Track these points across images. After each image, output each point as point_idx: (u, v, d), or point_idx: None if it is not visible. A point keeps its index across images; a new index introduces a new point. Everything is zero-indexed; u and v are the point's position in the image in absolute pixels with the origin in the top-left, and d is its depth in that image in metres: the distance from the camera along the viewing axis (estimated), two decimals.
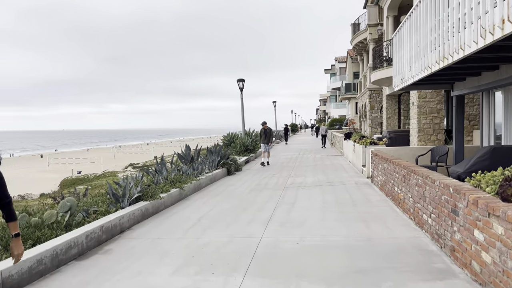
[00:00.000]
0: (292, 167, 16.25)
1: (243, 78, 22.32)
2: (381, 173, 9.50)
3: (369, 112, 24.05)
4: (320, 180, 12.01)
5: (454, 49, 5.77)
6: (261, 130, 17.86)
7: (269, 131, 17.71)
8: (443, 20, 6.20)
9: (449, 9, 5.96)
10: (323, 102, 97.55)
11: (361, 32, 25.18)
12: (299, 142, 38.73)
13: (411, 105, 13.66)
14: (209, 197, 9.86)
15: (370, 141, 13.40)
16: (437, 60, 6.57)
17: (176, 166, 12.62)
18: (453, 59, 5.84)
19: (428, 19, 7.02)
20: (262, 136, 17.62)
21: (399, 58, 9.80)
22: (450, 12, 5.90)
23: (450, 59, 5.95)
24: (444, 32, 6.14)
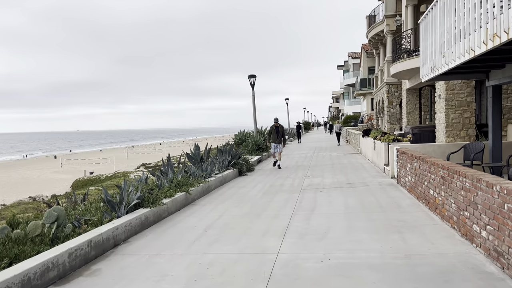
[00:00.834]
0: (308, 166, 15.26)
1: (254, 74, 21.39)
2: (410, 173, 8.47)
3: (387, 107, 22.90)
4: (340, 181, 11.01)
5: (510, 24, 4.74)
6: (272, 127, 15.54)
7: (282, 129, 15.42)
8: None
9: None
10: (336, 99, 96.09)
11: (378, 24, 24.02)
12: (312, 140, 37.65)
13: (437, 98, 12.56)
14: (218, 201, 8.95)
15: (393, 138, 12.35)
16: (484, 40, 5.53)
17: (183, 167, 11.74)
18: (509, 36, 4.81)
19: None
20: (273, 135, 15.30)
21: (429, 44, 8.74)
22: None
23: (505, 36, 4.92)
24: (496, 5, 5.11)
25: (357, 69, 52.19)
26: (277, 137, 15.21)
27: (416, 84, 17.09)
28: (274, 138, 15.25)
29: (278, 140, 15.21)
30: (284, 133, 15.48)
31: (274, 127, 15.38)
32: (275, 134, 15.26)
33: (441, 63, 7.86)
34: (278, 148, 15.23)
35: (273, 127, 15.47)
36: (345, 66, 66.28)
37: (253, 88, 21.39)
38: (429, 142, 13.22)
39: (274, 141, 15.28)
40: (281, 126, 15.49)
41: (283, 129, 15.56)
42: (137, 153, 62.29)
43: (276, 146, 15.23)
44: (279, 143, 15.22)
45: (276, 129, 15.33)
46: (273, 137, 15.29)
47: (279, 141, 15.22)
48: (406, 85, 19.04)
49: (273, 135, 15.31)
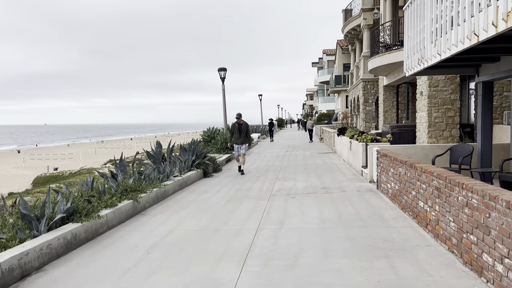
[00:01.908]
0: (279, 167, 14.14)
1: (225, 67, 20.13)
2: (393, 179, 7.43)
3: (362, 105, 22.07)
4: (314, 185, 9.92)
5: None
6: (233, 125, 13.04)
7: (245, 127, 12.88)
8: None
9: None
10: (310, 97, 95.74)
11: (354, 18, 23.13)
12: (286, 137, 36.67)
13: (419, 95, 11.65)
14: (173, 210, 7.68)
15: (371, 138, 11.36)
16: (494, 21, 4.48)
17: (138, 168, 10.38)
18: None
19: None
20: (235, 134, 12.82)
21: (415, 33, 7.71)
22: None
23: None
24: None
25: (331, 66, 51.59)
26: (240, 137, 12.81)
27: (394, 81, 16.23)
28: (237, 137, 12.85)
29: (241, 140, 12.81)
30: (248, 131, 12.96)
31: (237, 125, 12.94)
32: (237, 133, 12.84)
33: (431, 54, 6.83)
34: (241, 150, 12.86)
35: (235, 124, 13.02)
36: (320, 63, 65.72)
37: (223, 82, 20.14)
38: (409, 142, 12.33)
39: (237, 142, 12.88)
40: (245, 123, 12.94)
41: (247, 127, 12.98)
42: (106, 149, 59.93)
43: (239, 147, 12.87)
44: (242, 143, 12.83)
45: (238, 127, 12.90)
46: (235, 136, 12.90)
47: (243, 141, 12.82)
48: (383, 82, 18.18)
49: (235, 135, 12.91)
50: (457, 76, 10.79)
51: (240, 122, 12.91)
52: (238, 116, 12.89)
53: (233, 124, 13.11)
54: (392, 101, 18.17)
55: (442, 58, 6.36)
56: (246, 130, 12.90)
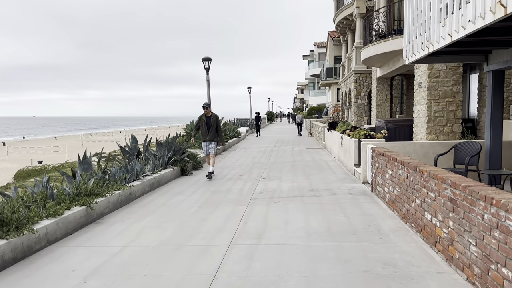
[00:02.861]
0: (265, 164, 13.07)
1: (209, 57, 18.93)
2: (391, 182, 6.40)
3: (354, 98, 21.06)
4: (301, 186, 8.86)
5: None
6: (200, 118, 10.70)
7: (215, 120, 10.56)
8: None
9: None
10: (300, 90, 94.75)
11: (346, 7, 22.05)
12: (275, 131, 35.61)
13: (417, 87, 10.63)
14: (136, 217, 6.58)
15: (364, 133, 10.33)
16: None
17: (104, 166, 9.24)
18: None
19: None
20: (202, 128, 10.57)
21: (419, 14, 6.65)
22: None
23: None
24: None
25: (322, 59, 50.57)
26: (209, 132, 10.48)
27: (388, 72, 15.22)
28: (204, 133, 10.54)
29: (210, 136, 10.51)
30: (219, 126, 10.71)
31: (204, 117, 10.58)
32: (204, 128, 10.51)
33: (438, 35, 5.77)
34: (210, 149, 10.60)
35: (202, 117, 10.63)
36: (311, 56, 64.64)
37: (207, 72, 18.95)
38: (406, 138, 11.34)
39: (204, 138, 10.57)
40: (214, 115, 10.64)
41: (217, 120, 10.67)
42: (93, 141, 58.37)
43: (207, 145, 10.62)
44: (211, 140, 10.56)
45: (206, 120, 10.53)
46: (203, 131, 10.58)
47: (212, 138, 10.55)
48: (376, 74, 17.16)
49: (202, 129, 10.58)
50: (460, 66, 9.78)
51: (208, 114, 10.57)
52: (205, 106, 10.45)
53: (199, 117, 10.72)
54: (386, 94, 17.17)
55: (452, 40, 5.31)
56: (216, 124, 10.56)
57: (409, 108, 17.30)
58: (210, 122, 10.54)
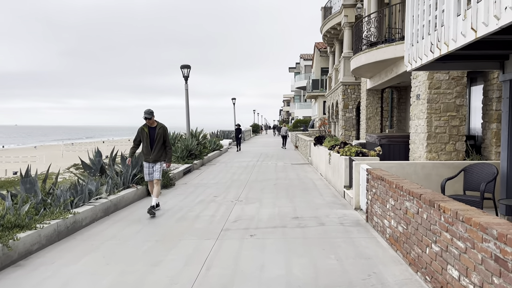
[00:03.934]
0: (245, 182, 11.74)
1: (188, 64, 17.66)
2: (394, 215, 5.14)
3: (342, 111, 19.94)
4: (283, 212, 7.54)
5: None
6: (141, 129, 7.91)
7: (161, 133, 7.84)
8: None
9: None
10: (286, 103, 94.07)
11: (334, 16, 21.07)
12: (259, 144, 34.33)
13: (414, 99, 9.49)
14: (71, 257, 5.16)
15: (356, 151, 9.09)
16: None
17: (49, 187, 7.78)
18: None
19: None
20: (145, 144, 7.83)
21: (426, 10, 5.49)
22: None
23: None
24: None
25: (309, 71, 49.80)
26: (153, 149, 7.76)
27: (379, 84, 14.12)
28: (147, 151, 7.80)
29: (154, 155, 7.76)
30: (168, 140, 7.96)
31: (147, 130, 7.81)
32: (147, 143, 7.78)
33: (455, 32, 4.58)
34: (154, 172, 7.82)
35: (143, 129, 7.85)
36: (297, 68, 63.97)
37: (186, 81, 17.65)
38: (401, 156, 10.16)
39: (147, 158, 7.85)
40: (161, 127, 7.89)
41: (165, 132, 7.90)
42: (74, 152, 56.25)
43: (150, 167, 7.87)
44: (155, 160, 7.79)
45: (150, 132, 7.80)
46: (145, 149, 7.86)
47: (157, 157, 7.80)
48: (366, 85, 16.07)
49: (143, 145, 7.88)
50: (464, 76, 8.68)
51: (153, 125, 7.81)
52: (147, 116, 7.67)
53: (140, 129, 7.88)
54: (376, 107, 16.07)
55: (477, 37, 4.11)
56: (164, 138, 7.84)
57: (400, 122, 16.24)
58: (154, 135, 7.78)
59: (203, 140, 19.80)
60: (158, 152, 7.83)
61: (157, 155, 7.83)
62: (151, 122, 7.82)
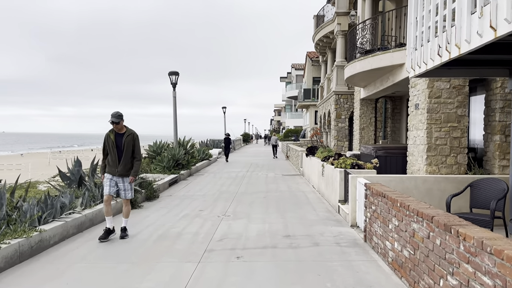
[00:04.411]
0: (234, 194, 11.12)
1: (177, 71, 17.08)
2: (398, 237, 4.57)
3: (334, 121, 19.47)
4: (274, 230, 6.93)
5: None
6: (107, 136, 6.53)
7: (130, 141, 6.50)
8: None
9: None
10: (277, 112, 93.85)
11: (327, 24, 20.70)
12: (250, 154, 33.74)
13: (412, 108, 9.01)
14: (30, 284, 4.50)
15: (351, 163, 8.55)
16: None
17: (16, 201, 7.09)
18: None
19: None
20: (111, 154, 6.46)
21: (432, 10, 4.99)
22: None
23: None
24: None
25: (300, 81, 49.54)
26: (120, 161, 6.42)
27: (374, 93, 13.67)
28: (113, 161, 6.42)
29: (122, 167, 6.42)
30: (137, 151, 6.61)
31: (113, 137, 6.46)
32: (114, 153, 6.42)
33: (469, 32, 4.07)
34: (122, 190, 6.54)
35: (109, 136, 6.50)
36: (288, 78, 63.78)
37: (174, 88, 17.07)
38: (398, 169, 9.64)
39: (113, 170, 6.44)
40: (130, 133, 6.52)
41: (134, 141, 6.54)
42: (61, 160, 55.06)
43: (116, 182, 6.50)
44: (122, 174, 6.45)
45: (116, 140, 6.46)
46: (110, 159, 6.46)
47: (124, 171, 6.45)
48: (360, 95, 15.63)
49: (110, 156, 6.47)
50: (466, 84, 8.23)
51: (121, 131, 6.48)
52: (114, 119, 6.33)
53: (106, 136, 6.52)
54: (370, 117, 15.61)
55: (497, 36, 3.60)
56: (133, 148, 6.50)
57: (394, 133, 15.80)
58: (121, 143, 6.40)
59: (191, 149, 19.16)
60: (126, 165, 6.45)
61: (125, 168, 6.44)
62: (119, 127, 6.46)
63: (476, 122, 9.55)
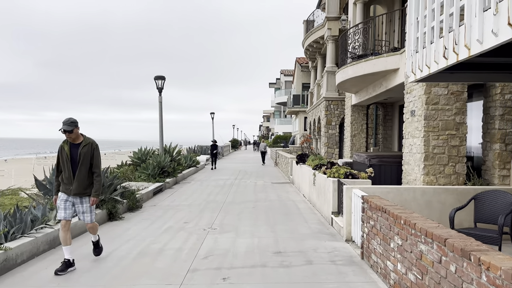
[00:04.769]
0: (221, 204, 10.62)
1: (163, 76, 16.56)
2: (402, 257, 4.12)
3: (324, 127, 19.10)
4: (263, 245, 6.44)
5: None
6: (61, 148, 5.37)
7: (88, 153, 5.33)
8: None
9: None
10: (266, 118, 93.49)
11: (317, 29, 20.39)
12: (238, 160, 33.24)
13: (408, 115, 8.64)
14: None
15: (345, 172, 8.12)
16: None
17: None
18: None
19: None
20: (65, 168, 5.29)
21: (436, 8, 4.60)
22: None
23: None
24: None
25: (289, 87, 49.29)
26: (75, 176, 5.29)
27: (365, 99, 13.31)
28: (68, 178, 5.30)
29: (77, 184, 5.28)
30: (97, 164, 5.45)
31: (67, 148, 5.33)
32: (67, 167, 5.28)
33: (480, 32, 3.67)
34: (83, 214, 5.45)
35: (62, 147, 5.37)
36: (277, 84, 63.51)
37: (160, 93, 16.52)
38: (392, 178, 9.25)
39: (67, 188, 5.32)
40: (88, 142, 5.41)
41: (93, 152, 5.42)
42: (46, 166, 53.80)
43: (73, 203, 5.38)
44: (79, 194, 5.33)
45: (71, 151, 5.33)
46: (64, 175, 5.34)
47: (81, 190, 5.32)
48: (351, 101, 15.27)
49: (64, 173, 5.35)
50: (464, 90, 7.88)
51: (76, 141, 5.36)
52: (66, 127, 5.20)
53: (60, 147, 5.41)
54: (361, 124, 15.25)
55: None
56: (91, 161, 5.38)
57: (386, 140, 15.46)
58: (77, 155, 5.28)
59: (178, 156, 18.60)
60: (83, 182, 5.27)
61: (81, 185, 5.26)
62: (73, 136, 5.26)
63: (472, 129, 9.21)
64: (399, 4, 13.52)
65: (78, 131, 5.35)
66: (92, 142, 5.43)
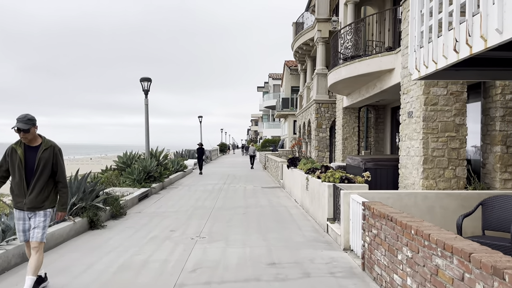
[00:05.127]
0: (210, 210, 10.13)
1: (149, 77, 16.05)
2: (412, 271, 3.72)
3: (315, 131, 18.74)
4: (256, 255, 5.99)
5: None
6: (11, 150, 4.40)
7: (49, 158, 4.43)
8: None
9: None
10: (255, 122, 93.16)
11: (307, 31, 20.08)
12: (227, 164, 32.72)
13: (405, 116, 8.29)
14: None
15: (340, 176, 7.72)
16: None
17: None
18: None
19: None
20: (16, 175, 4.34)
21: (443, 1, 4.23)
22: None
23: None
24: None
25: (277, 90, 49.02)
26: (30, 186, 4.35)
27: (358, 102, 12.99)
28: (19, 188, 4.37)
29: (31, 197, 4.35)
30: (61, 171, 4.54)
31: (21, 152, 4.37)
32: (19, 176, 4.34)
33: (500, 22, 3.30)
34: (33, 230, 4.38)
35: (14, 150, 4.40)
36: (266, 88, 63.26)
37: (146, 95, 15.99)
38: (388, 182, 8.89)
39: (20, 201, 4.39)
40: (48, 147, 4.47)
41: (56, 157, 4.50)
42: None
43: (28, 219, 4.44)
44: (35, 207, 4.38)
45: (26, 156, 4.38)
46: (16, 185, 4.38)
47: (37, 203, 4.38)
48: (342, 103, 14.94)
49: (14, 181, 4.39)
50: (464, 91, 7.56)
51: (33, 143, 4.44)
52: (21, 126, 4.25)
53: (9, 150, 4.45)
54: (353, 126, 14.93)
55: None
56: (54, 166, 4.51)
57: (378, 143, 15.14)
58: (34, 161, 4.39)
59: (165, 160, 18.06)
60: (41, 193, 4.38)
61: (38, 198, 4.38)
62: (29, 137, 4.36)
63: (470, 131, 8.91)
64: (390, 4, 13.25)
65: (35, 131, 4.42)
66: (54, 146, 4.53)
